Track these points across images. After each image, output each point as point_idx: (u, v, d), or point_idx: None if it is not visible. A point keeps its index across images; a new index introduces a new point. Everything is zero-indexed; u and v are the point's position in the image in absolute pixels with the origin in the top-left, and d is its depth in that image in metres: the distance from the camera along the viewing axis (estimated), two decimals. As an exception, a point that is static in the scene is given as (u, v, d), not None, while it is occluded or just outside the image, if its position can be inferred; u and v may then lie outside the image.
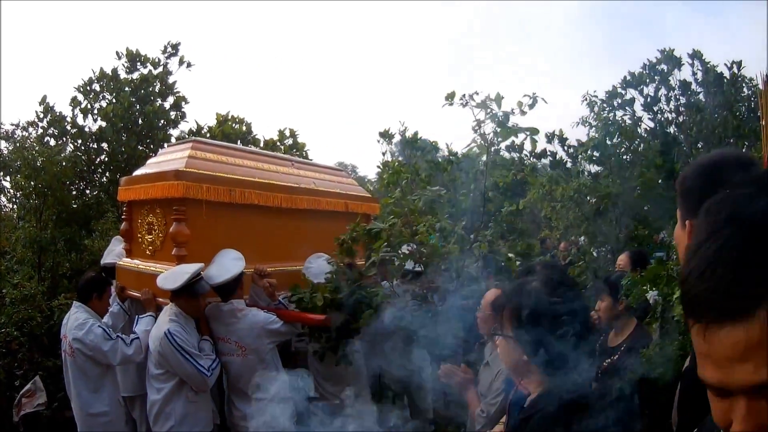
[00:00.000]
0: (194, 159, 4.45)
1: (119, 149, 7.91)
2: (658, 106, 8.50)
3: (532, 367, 1.90)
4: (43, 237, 6.87)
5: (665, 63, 8.90)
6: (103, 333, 4.36)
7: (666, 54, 8.85)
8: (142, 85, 7.97)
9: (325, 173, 5.86)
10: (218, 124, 8.34)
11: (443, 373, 3.27)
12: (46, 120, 7.85)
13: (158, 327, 4.12)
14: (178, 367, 4.00)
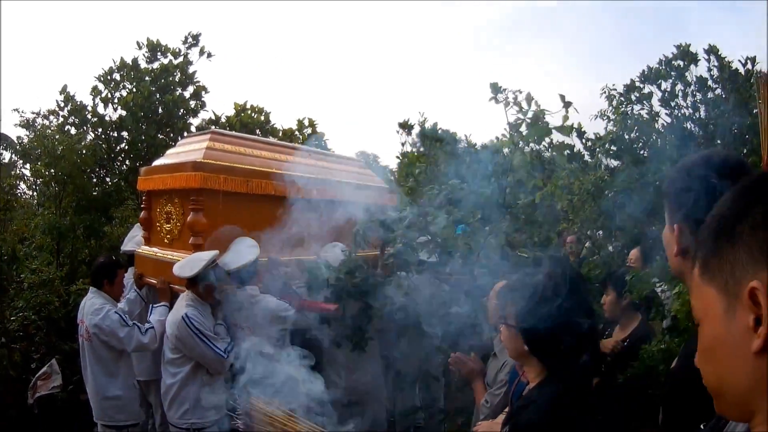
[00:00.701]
0: (212, 150, 4.47)
1: (139, 138, 7.89)
2: (675, 101, 8.35)
3: (532, 358, 1.95)
4: (63, 224, 6.86)
5: (681, 58, 8.72)
6: (119, 319, 4.36)
7: (682, 49, 8.67)
8: (163, 75, 7.94)
9: (343, 164, 5.82)
10: (236, 114, 8.30)
11: (453, 362, 3.30)
12: (67, 109, 7.83)
13: (175, 312, 4.12)
14: (196, 350, 4.01)
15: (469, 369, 3.26)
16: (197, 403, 4.07)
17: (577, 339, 1.87)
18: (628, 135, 6.15)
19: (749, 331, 0.74)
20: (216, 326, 4.18)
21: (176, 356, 4.09)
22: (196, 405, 4.06)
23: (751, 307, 0.73)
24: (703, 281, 0.85)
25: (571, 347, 1.87)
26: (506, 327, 2.02)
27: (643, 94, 7.36)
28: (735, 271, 0.78)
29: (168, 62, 8.09)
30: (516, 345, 1.99)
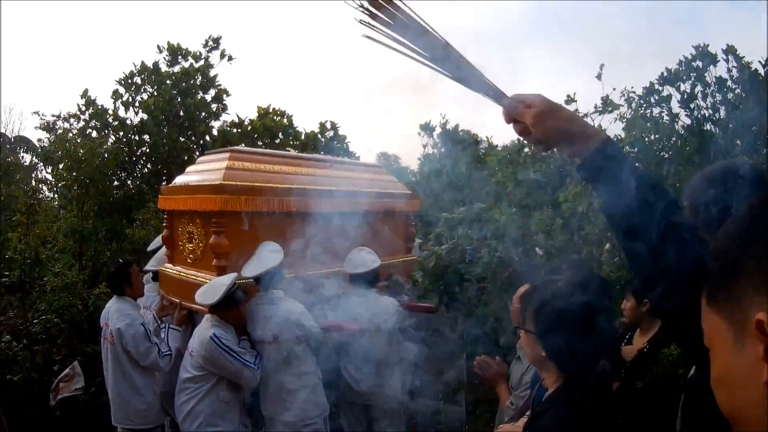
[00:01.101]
0: (232, 170, 4.42)
1: (161, 141, 7.87)
2: (694, 102, 8.23)
3: (550, 363, 1.93)
4: (85, 227, 6.87)
5: (700, 59, 8.59)
6: (144, 333, 4.39)
7: (701, 50, 8.54)
8: (184, 78, 7.92)
9: (364, 172, 5.78)
10: (259, 117, 8.26)
11: (477, 365, 3.28)
12: (88, 113, 7.82)
13: (201, 333, 4.08)
14: (228, 368, 4.02)
15: (494, 372, 3.24)
16: (211, 416, 4.07)
17: (595, 346, 1.85)
18: (648, 137, 6.05)
19: (759, 361, 0.72)
20: (241, 341, 4.18)
21: (200, 373, 4.06)
22: (210, 419, 4.06)
23: (760, 338, 0.71)
24: (711, 310, 0.83)
25: (590, 354, 1.86)
26: (525, 332, 2.01)
27: (662, 96, 7.23)
28: (741, 302, 0.76)
29: (189, 66, 8.08)
30: (534, 351, 1.98)
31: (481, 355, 3.33)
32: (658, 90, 7.54)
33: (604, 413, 1.91)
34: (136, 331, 4.37)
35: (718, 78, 8.60)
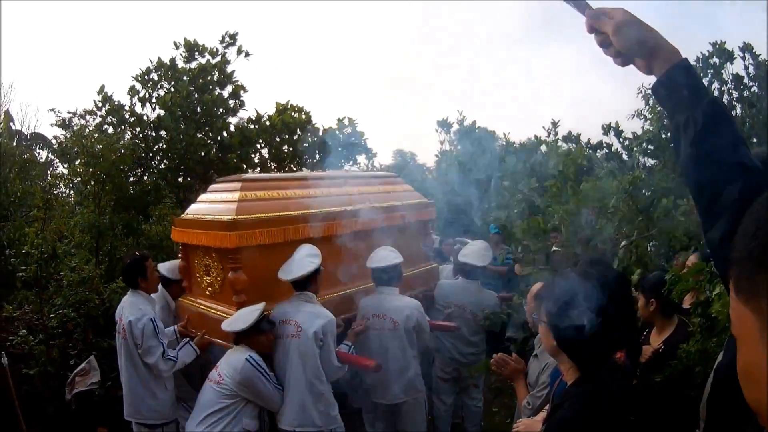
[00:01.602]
0: (244, 202, 4.32)
1: (178, 137, 7.80)
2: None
3: (563, 354, 1.98)
4: (102, 222, 6.83)
5: (717, 56, 8.52)
6: (153, 330, 4.35)
7: (718, 47, 8.47)
8: (201, 74, 7.84)
9: (380, 183, 5.72)
10: (278, 113, 8.18)
11: (495, 362, 3.30)
12: (105, 109, 7.78)
13: (234, 358, 3.97)
14: (262, 391, 3.98)
15: (512, 369, 3.25)
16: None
17: (606, 337, 1.85)
18: (665, 134, 6.00)
19: None
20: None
21: (229, 402, 3.95)
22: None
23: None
24: (738, 300, 0.79)
25: (600, 345, 1.87)
26: (540, 323, 2.06)
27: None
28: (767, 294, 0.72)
29: (206, 62, 8.00)
30: (548, 341, 2.02)
31: (499, 353, 3.34)
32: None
33: (618, 408, 1.92)
34: (145, 326, 4.33)
35: (735, 75, 8.53)
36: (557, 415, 1.95)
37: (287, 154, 8.18)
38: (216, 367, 4.07)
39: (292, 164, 8.19)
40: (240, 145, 7.88)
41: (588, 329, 1.80)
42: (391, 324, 4.70)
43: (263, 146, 8.31)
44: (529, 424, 2.58)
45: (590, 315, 1.81)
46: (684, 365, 3.12)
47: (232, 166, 8.05)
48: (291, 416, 4.10)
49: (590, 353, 1.90)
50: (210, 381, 3.98)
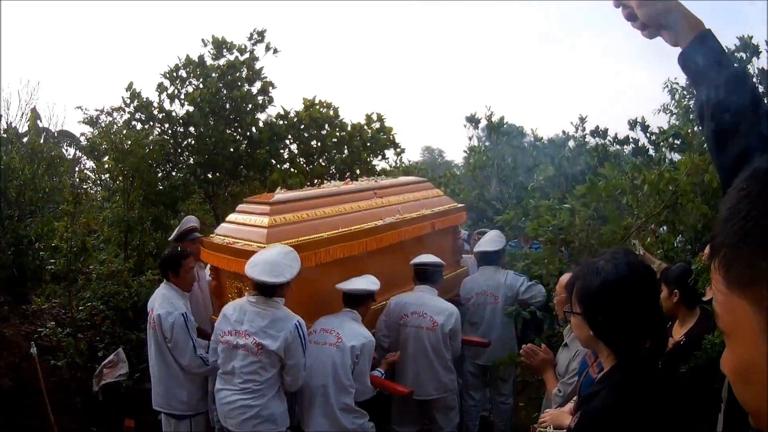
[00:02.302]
0: (274, 228, 4.32)
1: (207, 133, 7.75)
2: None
3: (599, 343, 1.97)
4: (131, 216, 6.82)
5: (743, 51, 8.38)
6: (183, 325, 4.32)
7: (744, 41, 8.34)
8: (229, 71, 7.80)
9: (409, 191, 5.71)
10: (305, 108, 8.12)
11: (524, 353, 3.37)
12: (133, 105, 7.75)
13: (284, 321, 3.94)
14: (299, 357, 3.95)
15: (540, 359, 3.30)
16: (272, 415, 3.98)
17: (640, 321, 1.89)
18: (692, 129, 5.90)
19: None
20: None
21: (273, 372, 3.96)
22: (271, 417, 3.97)
23: None
24: (731, 291, 0.71)
25: (635, 330, 1.89)
26: (573, 315, 2.04)
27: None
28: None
29: (234, 58, 7.96)
30: (583, 332, 2.01)
31: (528, 344, 3.43)
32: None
33: (653, 394, 1.92)
34: (175, 321, 4.30)
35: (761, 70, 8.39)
36: (595, 402, 1.92)
37: (315, 149, 8.09)
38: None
39: (321, 159, 8.11)
40: (269, 140, 7.82)
41: (623, 315, 1.86)
42: (430, 323, 4.69)
43: (292, 142, 8.22)
44: (556, 415, 2.56)
45: (624, 301, 1.85)
46: (708, 356, 3.13)
47: (261, 161, 8.01)
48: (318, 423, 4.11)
49: (626, 339, 1.91)
50: (252, 352, 3.92)
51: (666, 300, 3.58)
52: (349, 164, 8.17)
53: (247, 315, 3.94)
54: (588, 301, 1.94)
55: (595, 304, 1.91)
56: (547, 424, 2.44)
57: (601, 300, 1.89)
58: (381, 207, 5.17)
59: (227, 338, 3.96)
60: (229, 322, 3.98)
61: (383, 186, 5.64)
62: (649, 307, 1.94)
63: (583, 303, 1.97)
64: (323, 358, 4.12)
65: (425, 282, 4.88)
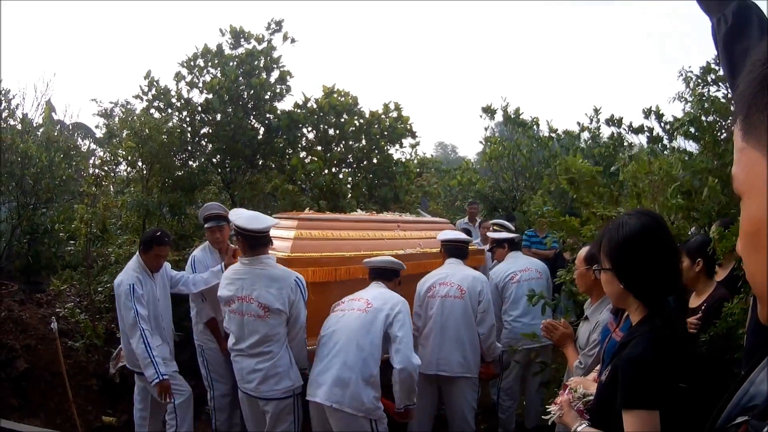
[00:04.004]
0: (300, 241, 4.48)
1: (226, 120, 7.69)
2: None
3: (629, 296, 1.99)
4: (150, 201, 6.71)
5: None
6: (127, 293, 4.42)
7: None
8: (248, 59, 7.71)
9: (431, 229, 5.77)
10: (325, 96, 8.02)
11: (544, 328, 3.36)
12: (151, 93, 7.66)
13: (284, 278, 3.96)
14: (301, 311, 3.99)
15: (560, 334, 3.28)
16: (286, 372, 3.96)
17: (666, 272, 1.96)
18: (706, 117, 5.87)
19: None
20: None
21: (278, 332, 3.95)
22: (286, 374, 3.95)
23: None
24: (749, 144, 0.68)
25: (663, 281, 1.95)
26: (603, 271, 2.05)
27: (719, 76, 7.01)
28: None
29: (252, 48, 7.86)
30: (613, 287, 2.03)
31: (548, 320, 3.43)
32: (714, 69, 7.32)
33: (682, 344, 2.01)
34: (122, 289, 4.43)
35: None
36: (626, 351, 1.93)
37: (334, 136, 8.01)
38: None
39: (339, 147, 8.01)
40: (287, 128, 7.73)
41: (651, 264, 1.92)
42: (457, 291, 4.59)
43: (310, 130, 8.14)
44: (581, 381, 2.49)
45: (650, 250, 1.92)
46: (728, 325, 3.12)
47: (279, 149, 7.95)
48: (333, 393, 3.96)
49: (655, 289, 1.96)
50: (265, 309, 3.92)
51: (688, 270, 3.56)
52: (367, 152, 8.08)
53: (246, 280, 3.94)
54: (617, 254, 1.98)
55: (624, 256, 1.96)
56: (578, 384, 2.35)
57: (629, 250, 1.95)
58: (403, 239, 5.31)
59: (233, 306, 3.98)
60: (231, 289, 4.00)
61: (407, 221, 5.79)
62: (673, 259, 2.01)
63: (612, 257, 2.00)
64: (349, 323, 3.90)
65: (453, 256, 4.83)
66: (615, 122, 8.88)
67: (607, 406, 1.97)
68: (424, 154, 9.78)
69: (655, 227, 1.96)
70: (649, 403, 1.81)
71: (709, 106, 5.77)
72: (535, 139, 9.41)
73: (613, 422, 1.93)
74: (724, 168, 4.42)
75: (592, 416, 2.13)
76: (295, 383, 3.98)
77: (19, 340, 5.62)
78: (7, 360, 5.36)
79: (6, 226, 8.09)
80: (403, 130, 8.05)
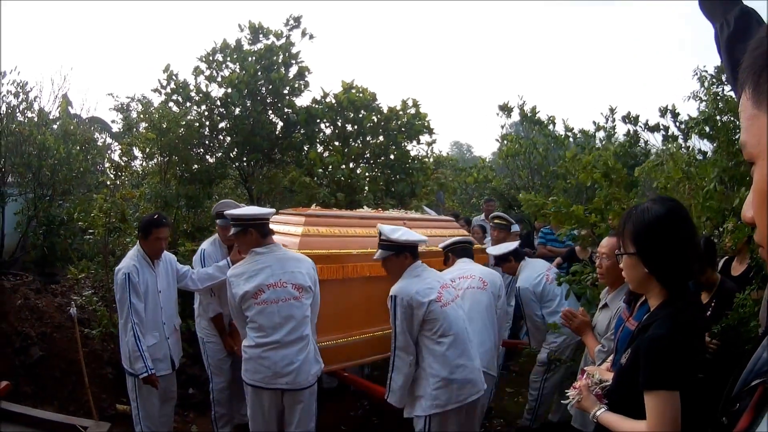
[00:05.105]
0: (307, 237, 4.45)
1: (245, 114, 7.66)
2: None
3: (652, 280, 2.01)
4: (168, 192, 6.69)
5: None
6: (123, 282, 4.26)
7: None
8: (267, 54, 7.70)
9: (438, 228, 5.76)
10: (344, 91, 7.99)
11: (564, 316, 3.43)
12: (170, 87, 7.64)
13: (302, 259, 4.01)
14: (318, 292, 3.99)
15: (579, 322, 3.35)
16: (317, 354, 3.93)
17: (689, 256, 1.99)
18: (721, 117, 5.84)
19: None
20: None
21: (308, 313, 3.89)
22: (317, 358, 3.93)
23: None
24: (759, 110, 0.71)
25: (685, 265, 1.98)
26: (627, 256, 2.07)
27: (733, 74, 6.96)
28: None
29: (271, 43, 7.84)
30: (636, 271, 2.04)
31: (566, 308, 3.52)
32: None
33: (702, 326, 2.11)
34: (118, 277, 4.28)
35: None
36: (648, 333, 1.95)
37: (351, 132, 7.97)
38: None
39: (356, 142, 7.97)
40: (305, 123, 7.72)
41: (674, 248, 1.96)
42: (480, 283, 4.55)
43: (328, 125, 8.11)
44: (595, 369, 2.50)
45: (674, 234, 1.96)
46: (739, 316, 3.15)
47: (297, 144, 7.91)
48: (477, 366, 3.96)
49: (677, 273, 1.99)
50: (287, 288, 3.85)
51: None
52: (385, 148, 8.04)
53: (272, 266, 3.81)
54: (641, 237, 2.00)
55: (649, 239, 1.98)
56: (594, 370, 2.37)
57: (654, 235, 1.97)
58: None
59: (262, 296, 3.78)
60: (256, 280, 3.80)
61: (413, 218, 5.68)
62: (694, 243, 2.07)
63: (636, 241, 2.02)
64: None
65: (465, 256, 4.81)
66: (631, 120, 8.83)
67: (627, 389, 2.00)
68: (440, 152, 9.79)
69: (678, 212, 2.00)
70: (671, 384, 1.85)
71: (723, 106, 5.74)
72: (552, 137, 9.40)
73: (633, 405, 1.95)
74: (739, 167, 4.40)
75: (610, 401, 2.15)
76: (321, 365, 3.93)
77: (34, 327, 5.61)
78: (22, 347, 5.34)
79: (22, 217, 8.08)
80: (421, 126, 8.03)
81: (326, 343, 4.25)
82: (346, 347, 4.48)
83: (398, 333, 3.59)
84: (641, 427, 1.89)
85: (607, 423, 2.06)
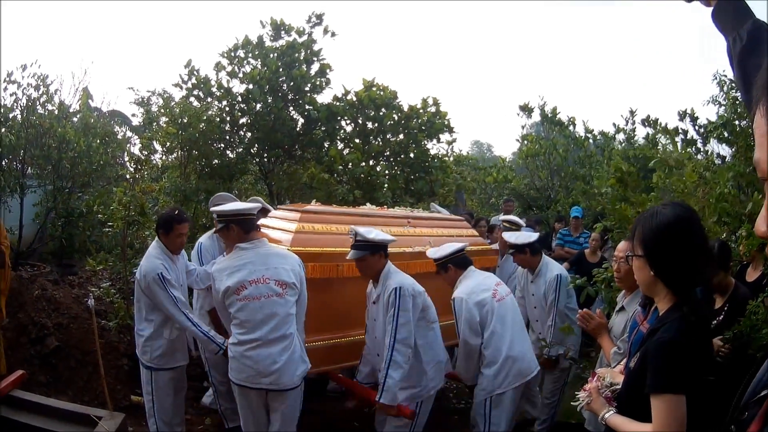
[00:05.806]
0: (301, 234, 4.23)
1: (266, 110, 7.62)
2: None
3: (659, 284, 2.01)
4: (188, 187, 6.64)
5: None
6: (158, 281, 4.15)
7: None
8: (289, 51, 7.69)
9: (443, 227, 5.41)
10: (365, 89, 7.96)
11: (580, 317, 3.36)
12: (191, 82, 7.65)
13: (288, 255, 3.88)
14: (304, 289, 3.88)
15: (595, 324, 3.28)
16: (303, 353, 3.79)
17: (697, 261, 1.96)
18: (740, 122, 5.77)
19: None
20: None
21: (293, 311, 3.77)
22: (303, 357, 3.77)
23: None
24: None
25: (693, 270, 1.96)
26: (636, 258, 2.07)
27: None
28: None
29: (293, 40, 7.85)
30: (644, 274, 2.04)
31: (584, 309, 3.42)
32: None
33: (710, 331, 2.06)
34: (150, 280, 4.14)
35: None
36: (655, 337, 1.95)
37: (372, 130, 7.92)
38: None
39: (377, 140, 7.92)
40: (326, 120, 7.71)
41: (682, 252, 1.94)
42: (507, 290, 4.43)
43: (348, 123, 8.09)
44: (607, 371, 2.50)
45: (682, 239, 1.94)
46: (751, 323, 3.16)
47: (317, 141, 7.87)
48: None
49: (685, 277, 1.98)
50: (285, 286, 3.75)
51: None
52: (405, 146, 7.98)
53: (254, 262, 3.70)
54: (649, 241, 1.99)
55: (657, 243, 1.97)
56: (605, 373, 2.38)
57: (662, 238, 1.96)
58: (412, 236, 4.92)
59: (244, 293, 3.66)
60: (237, 276, 3.69)
61: (418, 217, 5.37)
62: (704, 249, 2.03)
63: (644, 244, 2.01)
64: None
65: (468, 266, 4.39)
66: (650, 123, 8.74)
67: (636, 392, 1.99)
68: (460, 151, 9.75)
69: (688, 218, 1.98)
70: (677, 387, 1.85)
71: (742, 111, 5.73)
72: (572, 138, 9.38)
73: (641, 408, 1.96)
74: (756, 172, 4.31)
75: (619, 404, 2.16)
76: (308, 365, 3.77)
77: (51, 318, 5.59)
78: (38, 337, 5.32)
79: (41, 208, 8.07)
80: (441, 125, 7.97)
81: (317, 344, 4.10)
82: (340, 347, 4.29)
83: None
84: (647, 429, 1.91)
85: (614, 425, 2.08)
